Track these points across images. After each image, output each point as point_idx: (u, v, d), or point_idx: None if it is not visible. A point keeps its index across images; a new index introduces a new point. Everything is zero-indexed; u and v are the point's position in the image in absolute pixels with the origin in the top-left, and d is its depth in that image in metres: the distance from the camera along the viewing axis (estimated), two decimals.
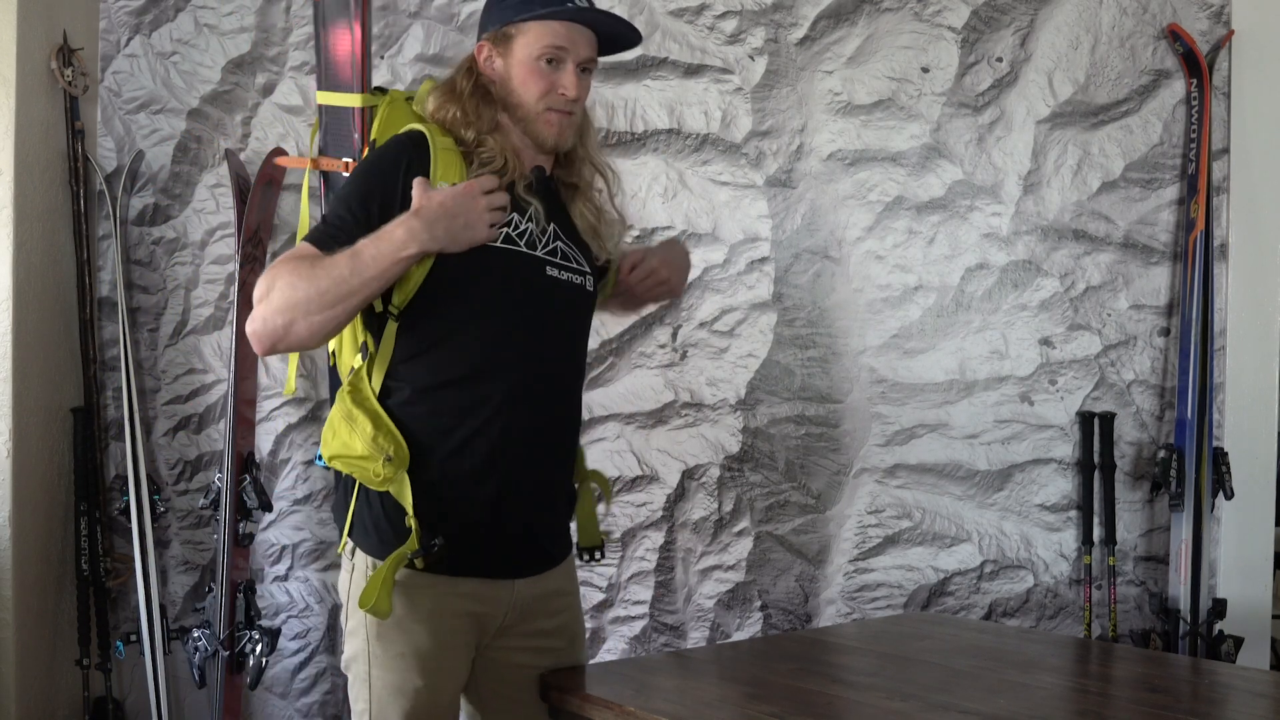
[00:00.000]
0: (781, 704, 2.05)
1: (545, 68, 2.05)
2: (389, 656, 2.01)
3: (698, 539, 3.38)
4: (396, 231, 1.90)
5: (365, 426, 1.97)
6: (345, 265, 1.89)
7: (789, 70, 3.36)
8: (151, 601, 3.26)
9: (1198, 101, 3.32)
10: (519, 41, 2.05)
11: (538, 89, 2.05)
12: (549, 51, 2.04)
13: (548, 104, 2.06)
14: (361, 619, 2.02)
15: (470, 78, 2.09)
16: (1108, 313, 3.38)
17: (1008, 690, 2.16)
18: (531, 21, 2.04)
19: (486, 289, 2.01)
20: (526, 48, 2.05)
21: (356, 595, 2.00)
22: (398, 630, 2.00)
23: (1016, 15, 3.35)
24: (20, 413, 3.17)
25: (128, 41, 3.48)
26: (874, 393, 3.38)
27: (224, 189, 3.45)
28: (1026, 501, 3.38)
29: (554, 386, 2.11)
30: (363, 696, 2.05)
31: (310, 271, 1.90)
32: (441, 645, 2.02)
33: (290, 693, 3.48)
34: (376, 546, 2.02)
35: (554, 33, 2.04)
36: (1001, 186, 3.37)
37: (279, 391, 3.44)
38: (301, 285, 1.89)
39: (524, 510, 2.07)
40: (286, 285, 1.90)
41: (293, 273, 1.91)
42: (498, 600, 2.07)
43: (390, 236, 1.90)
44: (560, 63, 2.05)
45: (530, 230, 2.05)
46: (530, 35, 2.05)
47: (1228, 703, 2.23)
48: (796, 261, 3.37)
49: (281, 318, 1.90)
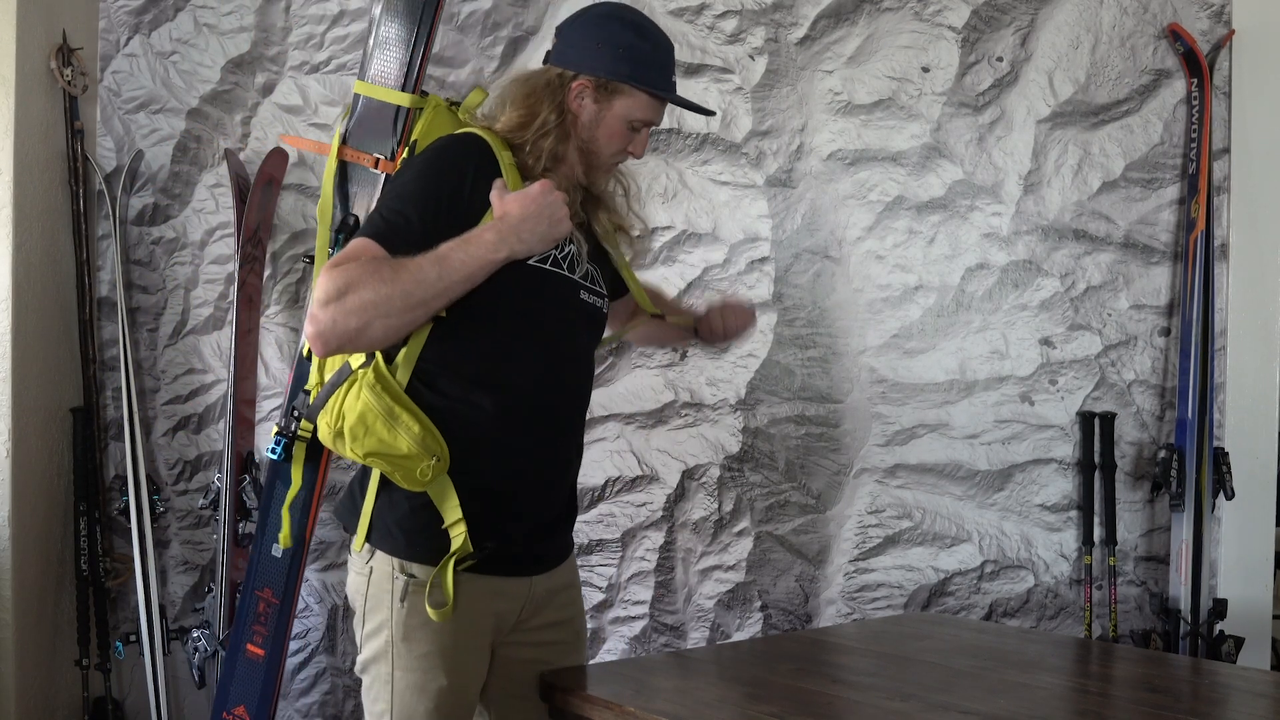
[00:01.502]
0: (781, 704, 2.04)
1: (629, 130, 2.15)
2: (413, 656, 2.02)
3: (698, 539, 3.38)
4: (486, 235, 1.94)
5: (412, 426, 1.94)
6: (431, 268, 1.90)
7: (789, 70, 3.36)
8: (151, 602, 3.26)
9: (1198, 101, 3.32)
10: (621, 101, 2.12)
11: (618, 146, 2.16)
12: (640, 121, 2.14)
13: (618, 160, 2.18)
14: (385, 619, 2.02)
15: (559, 112, 2.11)
16: (1108, 313, 3.38)
17: (1008, 690, 2.16)
18: (638, 89, 2.12)
19: (529, 307, 2.05)
20: (626, 111, 2.13)
21: (376, 597, 2.02)
22: (423, 630, 2.01)
23: (1017, 15, 3.35)
24: (20, 413, 3.17)
25: (127, 41, 3.48)
26: (874, 393, 3.37)
27: (224, 189, 3.45)
28: (1027, 501, 3.37)
29: (571, 400, 2.17)
30: (383, 697, 2.05)
31: (392, 275, 1.88)
32: (464, 644, 2.04)
33: (290, 693, 3.48)
34: (403, 548, 2.02)
35: (653, 108, 2.15)
36: (1002, 186, 3.37)
37: (279, 391, 3.44)
38: (383, 288, 1.87)
39: (542, 511, 2.12)
40: (366, 287, 1.87)
41: (373, 275, 1.88)
42: (517, 596, 2.11)
43: (480, 240, 1.94)
44: (643, 128, 2.17)
45: (572, 253, 2.11)
46: (635, 101, 2.12)
47: (1228, 703, 2.23)
48: (796, 261, 3.37)
49: (357, 319, 1.87)
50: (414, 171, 2.05)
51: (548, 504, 2.14)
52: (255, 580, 2.99)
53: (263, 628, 2.97)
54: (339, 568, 3.45)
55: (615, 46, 2.10)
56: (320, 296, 1.88)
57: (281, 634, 2.98)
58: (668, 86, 2.15)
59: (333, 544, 3.44)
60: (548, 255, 2.05)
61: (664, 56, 2.15)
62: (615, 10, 2.19)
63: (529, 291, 2.03)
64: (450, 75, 3.37)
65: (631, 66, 2.10)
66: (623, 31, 2.12)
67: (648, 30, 2.15)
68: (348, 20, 3.40)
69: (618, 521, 3.37)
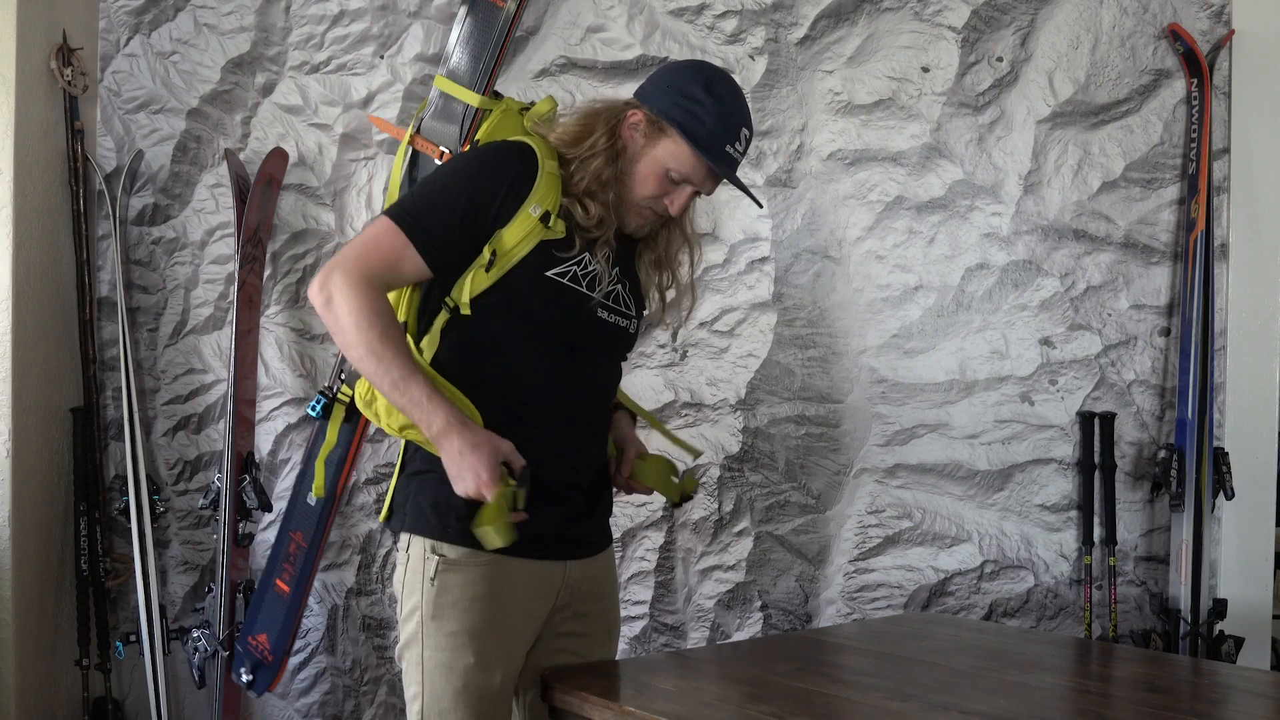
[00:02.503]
0: (781, 704, 2.04)
1: (668, 180, 2.13)
2: (442, 635, 2.06)
3: (698, 539, 3.38)
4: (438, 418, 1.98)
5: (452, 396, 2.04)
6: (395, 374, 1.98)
7: (789, 70, 3.36)
8: (151, 602, 3.26)
9: (1198, 101, 3.32)
10: (665, 145, 2.12)
11: (651, 191, 2.14)
12: (680, 175, 2.12)
13: (652, 206, 2.15)
14: (417, 602, 2.08)
15: (610, 136, 2.14)
16: (1108, 313, 3.38)
17: (1008, 690, 2.16)
18: (687, 141, 2.10)
19: (541, 316, 2.09)
20: (667, 156, 2.12)
21: (411, 581, 2.08)
22: (452, 609, 2.06)
23: (1017, 15, 3.35)
24: (20, 413, 3.17)
25: (127, 41, 3.48)
26: (874, 393, 3.37)
27: (223, 189, 3.45)
28: (1027, 501, 3.37)
29: (585, 399, 2.20)
30: (415, 679, 2.09)
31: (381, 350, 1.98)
32: (494, 626, 2.07)
33: (290, 693, 3.48)
34: (435, 529, 2.08)
35: (694, 166, 2.12)
36: (1002, 186, 3.37)
37: (279, 391, 3.45)
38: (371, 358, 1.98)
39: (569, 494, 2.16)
40: (364, 332, 1.98)
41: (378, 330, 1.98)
42: (551, 581, 2.15)
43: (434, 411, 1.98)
44: (683, 185, 2.14)
45: (596, 272, 2.13)
46: (677, 150, 2.11)
47: (1228, 703, 2.23)
48: (797, 261, 3.37)
49: (340, 338, 2.01)
50: (455, 166, 2.13)
51: (574, 486, 2.17)
52: (290, 523, 3.19)
53: (291, 566, 3.16)
54: (339, 568, 3.45)
55: (680, 94, 2.11)
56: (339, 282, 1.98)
57: (306, 575, 3.16)
58: (716, 152, 2.10)
59: (332, 544, 3.44)
60: (567, 271, 2.09)
61: (726, 124, 2.11)
62: (705, 67, 2.21)
63: (543, 301, 2.08)
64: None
65: (685, 116, 2.10)
66: (694, 84, 2.12)
67: (721, 94, 2.12)
68: (348, 20, 3.40)
69: (618, 521, 3.36)
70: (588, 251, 2.11)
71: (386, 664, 3.40)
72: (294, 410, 3.44)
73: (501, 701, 2.11)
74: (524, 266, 2.07)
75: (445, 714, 2.06)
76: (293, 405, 3.44)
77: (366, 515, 3.44)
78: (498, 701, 2.09)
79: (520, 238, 2.06)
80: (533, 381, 2.10)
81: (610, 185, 2.12)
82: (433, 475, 2.08)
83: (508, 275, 2.06)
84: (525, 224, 2.05)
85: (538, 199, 2.06)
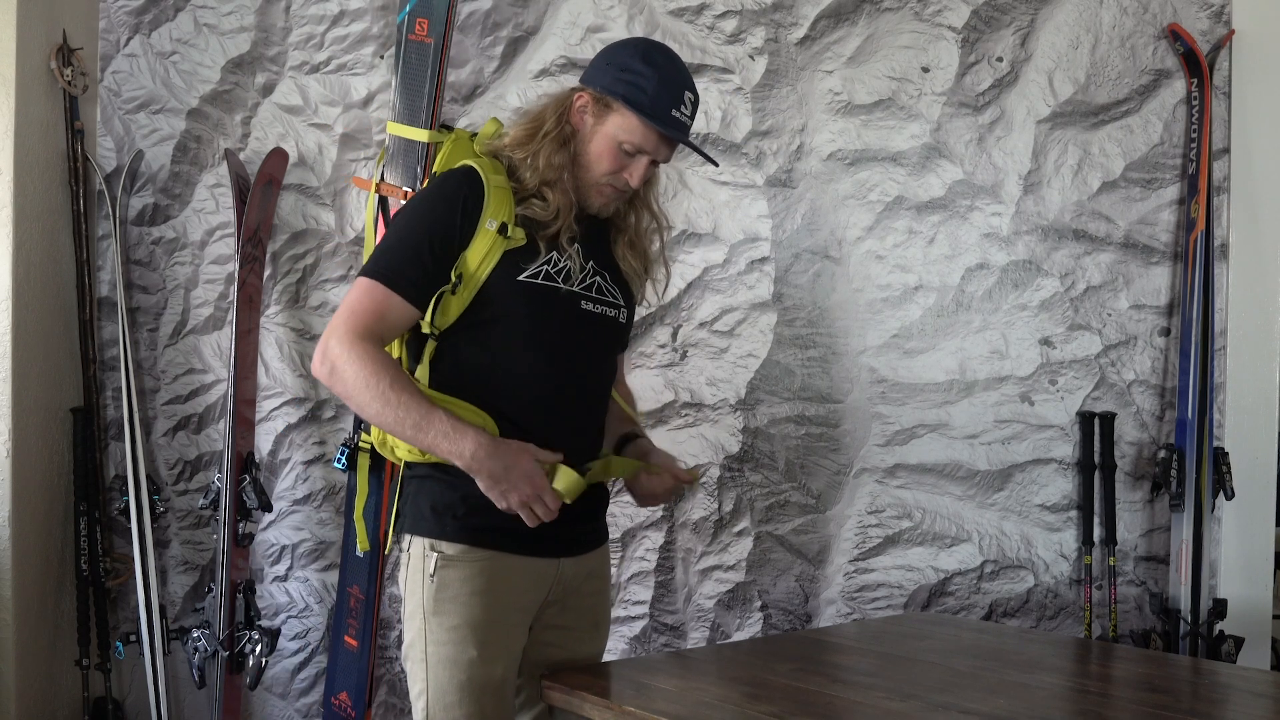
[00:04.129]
0: (781, 704, 2.05)
1: (622, 153, 2.16)
2: (444, 630, 2.09)
3: (698, 539, 3.38)
4: (467, 445, 2.03)
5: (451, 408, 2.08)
6: (412, 424, 2.02)
7: (789, 70, 3.36)
8: (151, 602, 3.26)
9: (1198, 101, 3.32)
10: (614, 120, 2.16)
11: (608, 167, 2.17)
12: (634, 145, 2.16)
13: (610, 182, 2.18)
14: (419, 600, 2.11)
15: (559, 121, 2.19)
16: (1108, 313, 3.38)
17: (1008, 690, 2.16)
18: (634, 113, 2.14)
19: (524, 321, 2.12)
20: (617, 130, 2.16)
21: (413, 580, 2.12)
22: (453, 604, 2.09)
23: (1017, 15, 3.35)
24: (20, 413, 3.17)
25: (127, 41, 3.48)
26: (874, 393, 3.37)
27: (224, 189, 3.45)
28: (1027, 501, 3.37)
29: (584, 401, 2.23)
30: (419, 677, 2.12)
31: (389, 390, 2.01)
32: (495, 619, 2.11)
33: (290, 693, 3.48)
34: (433, 528, 2.12)
35: (645, 135, 2.16)
36: (1002, 186, 3.37)
37: (279, 391, 3.45)
38: (374, 401, 2.02)
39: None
40: (361, 383, 2.02)
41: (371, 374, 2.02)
42: (545, 576, 2.18)
43: (461, 446, 2.02)
44: (638, 155, 2.17)
45: (568, 267, 2.16)
46: (626, 122, 2.15)
47: (1228, 703, 2.23)
48: (796, 261, 3.37)
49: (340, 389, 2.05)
50: (409, 207, 2.20)
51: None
52: (346, 578, 3.22)
53: (355, 620, 3.19)
54: (339, 568, 3.44)
55: (620, 68, 2.16)
56: (329, 349, 2.04)
57: (369, 625, 3.19)
58: (663, 117, 2.15)
59: (332, 544, 3.44)
60: (539, 271, 2.13)
61: (668, 89, 2.15)
62: (640, 41, 2.28)
63: (522, 305, 2.11)
64: (450, 76, 3.36)
65: (628, 88, 2.14)
66: (633, 57, 2.17)
67: (658, 62, 2.17)
68: (348, 20, 3.40)
69: (618, 521, 3.36)
70: (554, 250, 2.15)
71: (387, 664, 3.40)
72: (294, 410, 3.44)
73: (504, 694, 2.13)
74: (495, 279, 2.10)
75: (450, 708, 2.08)
76: (293, 405, 3.44)
77: None
78: (500, 694, 2.11)
79: (483, 254, 2.10)
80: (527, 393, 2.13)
81: (566, 169, 2.16)
82: (430, 479, 2.14)
83: (482, 291, 2.10)
84: (485, 240, 2.09)
85: (490, 214, 2.10)
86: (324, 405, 3.44)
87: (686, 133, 2.20)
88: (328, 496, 3.44)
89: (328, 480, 3.44)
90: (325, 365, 2.05)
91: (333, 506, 3.45)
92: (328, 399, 3.44)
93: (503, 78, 3.38)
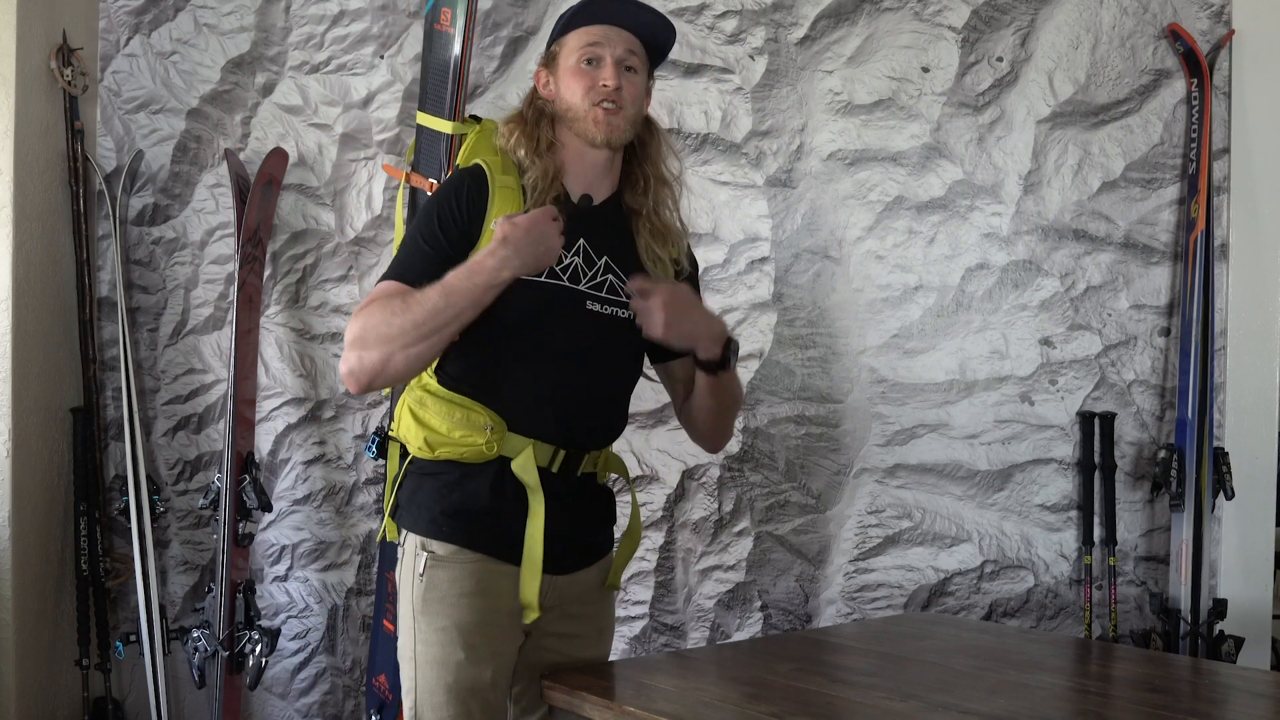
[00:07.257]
0: (781, 704, 2.05)
1: (586, 68, 2.16)
2: (432, 630, 2.09)
3: (698, 539, 3.38)
4: (488, 261, 2.00)
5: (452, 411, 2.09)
6: (438, 297, 1.99)
7: (789, 70, 3.36)
8: (151, 601, 3.26)
9: (1198, 101, 3.32)
10: (561, 56, 2.19)
11: (581, 88, 2.15)
12: (586, 52, 2.16)
13: (592, 100, 2.15)
14: (409, 598, 2.12)
15: (532, 104, 2.22)
16: (1108, 313, 3.38)
17: (1008, 690, 2.16)
18: (569, 34, 2.18)
19: (527, 321, 2.10)
20: (568, 58, 2.18)
21: (406, 578, 2.13)
22: (440, 605, 2.08)
23: (1017, 15, 3.35)
24: (20, 413, 3.17)
25: (127, 41, 3.48)
26: (874, 393, 3.37)
27: (223, 189, 3.45)
28: (1027, 501, 3.37)
29: (590, 406, 2.19)
30: (409, 674, 2.12)
31: (402, 306, 2.00)
32: (484, 622, 2.09)
33: (290, 693, 3.48)
34: (426, 527, 2.12)
35: (588, 34, 2.17)
36: (1002, 186, 3.37)
37: (279, 391, 3.45)
38: (395, 320, 1.99)
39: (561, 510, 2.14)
40: (380, 322, 2.00)
41: (384, 309, 2.01)
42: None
43: (483, 266, 2.00)
44: (599, 61, 2.16)
45: (575, 264, 2.15)
46: (569, 45, 2.18)
47: (1228, 703, 2.23)
48: (796, 261, 3.37)
49: (377, 353, 2.00)
50: (424, 209, 2.21)
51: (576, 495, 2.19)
52: (384, 564, 3.22)
53: (392, 606, 3.14)
54: (339, 568, 3.45)
55: (559, 22, 2.21)
56: (348, 339, 2.03)
57: None
58: (591, 10, 2.16)
59: (332, 544, 3.44)
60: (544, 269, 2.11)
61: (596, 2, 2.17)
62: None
63: (521, 302, 2.08)
64: None
65: (563, 24, 2.19)
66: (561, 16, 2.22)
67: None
68: (348, 20, 3.40)
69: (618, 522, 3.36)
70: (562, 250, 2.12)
71: None
72: (294, 410, 3.44)
73: (494, 697, 2.11)
74: None
75: (438, 709, 2.07)
76: (292, 405, 3.44)
77: (366, 515, 3.44)
78: (489, 697, 2.10)
79: None
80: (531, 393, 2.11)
81: (549, 140, 2.17)
82: (429, 476, 2.13)
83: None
84: (490, 239, 2.07)
85: (496, 212, 2.10)
86: (324, 405, 3.44)
87: (630, 16, 2.17)
88: (327, 496, 3.44)
89: (328, 480, 3.44)
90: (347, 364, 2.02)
91: (333, 506, 3.45)
92: (328, 399, 3.44)
93: (503, 78, 3.39)
